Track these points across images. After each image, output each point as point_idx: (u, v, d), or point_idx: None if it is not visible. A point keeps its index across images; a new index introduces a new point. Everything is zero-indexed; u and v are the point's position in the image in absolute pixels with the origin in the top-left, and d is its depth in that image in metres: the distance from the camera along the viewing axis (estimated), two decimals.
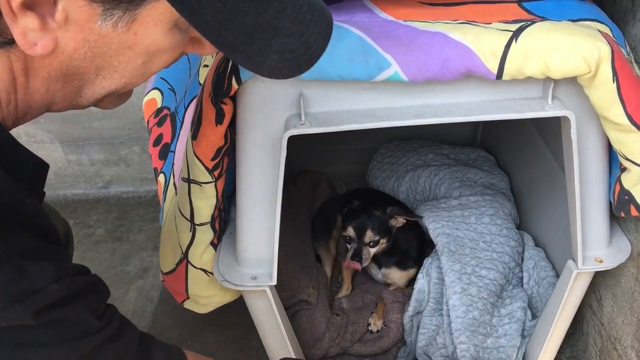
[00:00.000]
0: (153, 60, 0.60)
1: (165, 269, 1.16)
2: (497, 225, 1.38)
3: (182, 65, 1.32)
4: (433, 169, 1.58)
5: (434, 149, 1.70)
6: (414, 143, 1.73)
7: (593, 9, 0.99)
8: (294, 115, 0.93)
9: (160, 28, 0.57)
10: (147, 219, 1.91)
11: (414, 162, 1.66)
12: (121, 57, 0.58)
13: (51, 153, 1.97)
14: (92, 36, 0.55)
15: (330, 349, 1.32)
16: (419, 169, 1.61)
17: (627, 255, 1.07)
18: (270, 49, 0.57)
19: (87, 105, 0.63)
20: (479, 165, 1.62)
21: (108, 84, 0.60)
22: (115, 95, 0.64)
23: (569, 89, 0.93)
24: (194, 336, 1.48)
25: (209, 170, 0.99)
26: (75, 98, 0.62)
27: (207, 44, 0.58)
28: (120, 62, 0.58)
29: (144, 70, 0.61)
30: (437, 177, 1.56)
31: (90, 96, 0.62)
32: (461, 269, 1.28)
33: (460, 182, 1.51)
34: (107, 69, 0.59)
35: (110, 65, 0.58)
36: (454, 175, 1.54)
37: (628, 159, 0.94)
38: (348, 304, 1.40)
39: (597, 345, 1.28)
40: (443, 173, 1.55)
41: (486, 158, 1.66)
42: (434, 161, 1.64)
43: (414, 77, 0.87)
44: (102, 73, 0.59)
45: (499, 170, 1.60)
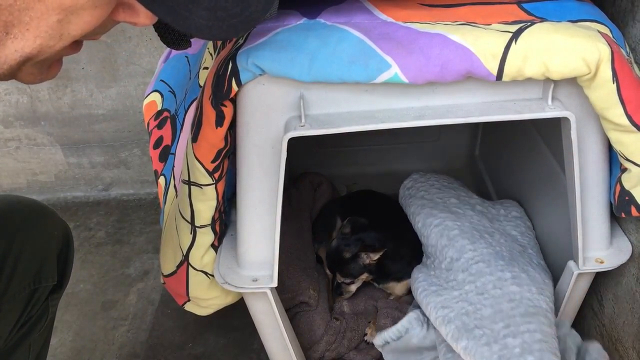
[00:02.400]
0: (70, 19, 0.52)
1: (166, 272, 1.16)
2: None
3: (182, 67, 1.32)
4: (448, 223, 1.26)
5: (461, 195, 1.42)
6: (443, 180, 1.49)
7: (592, 9, 0.99)
8: (294, 117, 0.93)
9: None
10: (147, 222, 1.91)
11: (432, 198, 1.40)
12: (31, 11, 0.50)
13: (51, 156, 1.97)
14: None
15: (326, 353, 1.31)
16: (431, 217, 1.31)
17: (628, 256, 1.07)
18: (198, 3, 0.52)
19: (2, 74, 0.55)
20: (507, 229, 1.32)
21: (21, 46, 0.52)
22: (36, 65, 0.56)
23: (569, 89, 0.93)
24: (195, 339, 1.48)
25: (210, 173, 0.99)
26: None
27: (140, 10, 0.53)
28: (32, 17, 0.50)
29: (61, 31, 0.52)
30: (447, 237, 1.25)
31: (4, 62, 0.54)
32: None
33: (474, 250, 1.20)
34: (18, 26, 0.51)
35: (21, 22, 0.50)
36: (470, 236, 1.23)
37: (628, 160, 0.94)
38: (349, 308, 1.40)
39: None
40: (457, 231, 1.25)
41: (518, 216, 1.37)
42: (455, 207, 1.34)
43: (414, 78, 0.87)
44: (13, 32, 0.51)
45: (530, 235, 1.32)
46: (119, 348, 1.48)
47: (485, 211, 1.34)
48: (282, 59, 0.86)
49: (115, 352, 1.47)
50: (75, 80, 1.83)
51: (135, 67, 1.80)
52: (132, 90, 1.85)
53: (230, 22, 0.54)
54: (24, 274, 0.96)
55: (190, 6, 0.52)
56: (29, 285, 0.97)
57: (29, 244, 0.98)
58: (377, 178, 1.86)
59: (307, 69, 0.87)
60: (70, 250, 1.08)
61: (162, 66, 1.38)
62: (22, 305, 0.97)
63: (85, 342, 1.50)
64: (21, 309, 0.97)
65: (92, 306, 1.61)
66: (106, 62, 1.80)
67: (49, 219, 1.04)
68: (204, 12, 0.53)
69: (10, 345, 0.97)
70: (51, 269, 1.01)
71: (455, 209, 1.32)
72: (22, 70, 0.56)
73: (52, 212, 1.07)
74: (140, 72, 1.81)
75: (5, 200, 1.02)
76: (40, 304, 1.01)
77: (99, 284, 1.68)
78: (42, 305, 1.02)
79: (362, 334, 1.36)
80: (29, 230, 0.99)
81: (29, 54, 0.53)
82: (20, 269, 0.96)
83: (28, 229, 0.99)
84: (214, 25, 0.54)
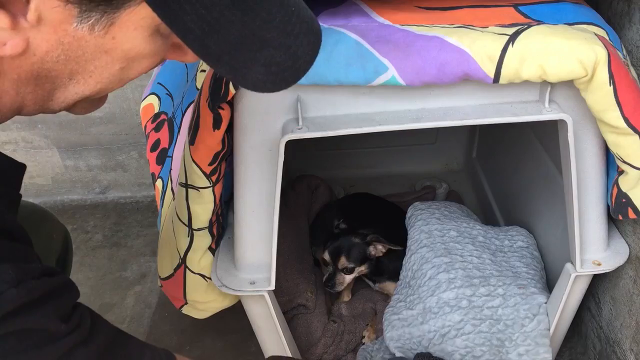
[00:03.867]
0: (132, 66, 0.57)
1: (163, 275, 1.15)
2: None
3: (180, 70, 1.32)
4: (441, 277, 1.18)
5: (462, 226, 1.32)
6: (445, 209, 1.40)
7: (589, 12, 0.99)
8: (292, 119, 0.93)
9: (141, 33, 0.53)
10: (145, 225, 1.91)
11: (430, 230, 1.30)
12: (97, 61, 0.54)
13: (48, 159, 1.96)
14: (67, 38, 0.51)
15: (323, 356, 1.31)
16: (426, 264, 1.23)
17: (625, 258, 1.07)
18: (256, 61, 0.55)
19: (58, 110, 0.59)
20: (512, 261, 1.25)
21: (82, 90, 0.57)
22: (89, 100, 0.60)
23: (566, 92, 0.93)
24: (193, 342, 1.48)
25: (207, 176, 0.99)
26: (46, 102, 0.58)
27: (189, 52, 0.55)
28: (97, 67, 0.55)
29: (121, 77, 0.57)
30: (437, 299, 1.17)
31: (62, 101, 0.58)
32: None
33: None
34: (82, 74, 0.55)
35: (85, 70, 0.55)
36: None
37: (625, 162, 0.94)
38: (347, 310, 1.40)
39: (596, 348, 1.28)
40: (456, 273, 1.19)
41: (524, 246, 1.29)
42: (454, 241, 1.26)
43: (411, 81, 0.87)
44: (76, 77, 0.55)
45: (536, 267, 1.25)
46: None
47: (487, 243, 1.29)
48: None
49: None
50: None
51: None
52: (129, 93, 1.84)
53: (282, 76, 0.57)
54: None
55: (249, 64, 0.55)
56: None
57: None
58: (375, 180, 1.86)
59: None
60: (69, 255, 1.08)
61: (159, 69, 1.38)
62: None
63: None
64: None
65: None
66: None
67: (48, 223, 1.04)
68: (261, 69, 0.55)
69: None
70: None
71: (454, 244, 1.25)
72: (77, 105, 0.60)
73: (52, 216, 1.06)
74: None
75: None
76: None
77: (96, 286, 1.68)
78: None
79: (360, 337, 1.35)
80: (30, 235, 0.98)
81: (88, 96, 0.58)
82: None
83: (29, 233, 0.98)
84: (268, 80, 0.57)
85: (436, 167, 1.91)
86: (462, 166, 1.92)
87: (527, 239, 1.32)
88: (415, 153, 1.90)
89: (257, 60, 0.55)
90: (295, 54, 0.56)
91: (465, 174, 1.90)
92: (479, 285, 1.16)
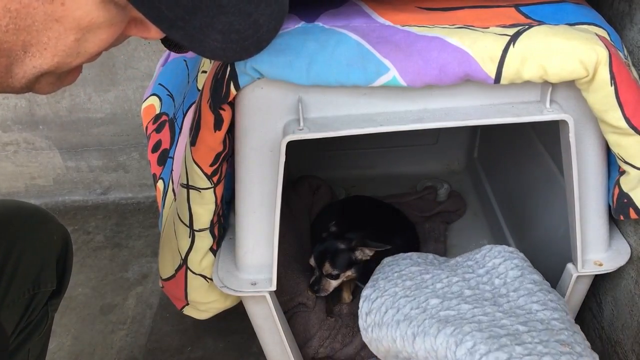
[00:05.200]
0: (87, 37, 0.54)
1: (165, 275, 1.15)
2: None
3: (181, 71, 1.32)
4: (450, 331, 0.91)
5: (437, 288, 1.03)
6: (399, 279, 1.08)
7: (590, 12, 0.99)
8: (293, 120, 0.93)
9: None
10: (146, 225, 1.91)
11: (408, 314, 0.99)
12: (50, 32, 0.52)
13: (50, 160, 1.97)
14: (13, 4, 0.49)
15: (319, 349, 1.30)
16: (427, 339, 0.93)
17: (626, 258, 1.07)
18: (212, 27, 0.53)
19: (20, 87, 0.57)
20: (522, 302, 0.99)
21: (39, 63, 0.54)
22: (54, 76, 0.58)
23: (567, 92, 0.93)
24: (194, 342, 1.48)
25: (208, 176, 0.99)
26: (5, 78, 0.55)
27: (152, 27, 0.53)
28: (50, 38, 0.52)
29: (78, 49, 0.54)
30: None
31: (22, 76, 0.55)
32: None
33: None
34: (36, 46, 0.52)
35: (39, 42, 0.52)
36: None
37: (627, 162, 0.94)
38: (348, 310, 1.40)
39: (597, 349, 1.27)
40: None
41: (519, 275, 1.05)
42: (443, 310, 0.97)
43: (412, 82, 0.87)
44: (31, 50, 0.53)
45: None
46: (118, 352, 1.48)
47: (478, 292, 1.02)
48: (280, 63, 0.86)
49: (113, 357, 1.47)
50: (74, 84, 1.82)
51: (134, 70, 1.80)
52: (130, 94, 1.85)
53: (243, 44, 0.55)
54: (23, 279, 0.96)
55: (205, 30, 0.53)
56: (28, 290, 0.97)
57: (29, 249, 0.97)
58: (376, 181, 1.86)
59: (305, 72, 0.87)
60: (70, 256, 1.08)
61: (160, 70, 1.38)
62: (21, 310, 0.97)
63: (83, 346, 1.50)
64: (20, 314, 0.97)
65: (90, 310, 1.61)
66: (104, 65, 1.80)
67: (48, 224, 1.04)
68: (218, 36, 0.54)
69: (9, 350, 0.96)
70: (50, 274, 1.01)
71: (445, 312, 0.96)
72: (40, 81, 0.57)
73: (52, 217, 1.06)
74: (138, 76, 1.81)
75: (5, 205, 1.01)
76: (39, 310, 1.01)
77: (97, 287, 1.68)
78: (42, 310, 1.02)
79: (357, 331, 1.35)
80: (29, 236, 0.99)
81: (46, 70, 0.55)
82: (20, 274, 0.95)
83: (28, 234, 0.99)
84: (227, 48, 0.55)
85: (437, 167, 1.91)
86: (464, 166, 1.92)
87: (513, 260, 1.04)
88: (416, 153, 1.89)
89: (213, 27, 0.53)
90: (256, 22, 0.55)
91: (467, 174, 1.90)
92: (512, 344, 0.86)
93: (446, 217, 1.70)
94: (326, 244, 1.34)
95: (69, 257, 1.08)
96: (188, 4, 0.51)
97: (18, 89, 0.57)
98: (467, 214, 1.74)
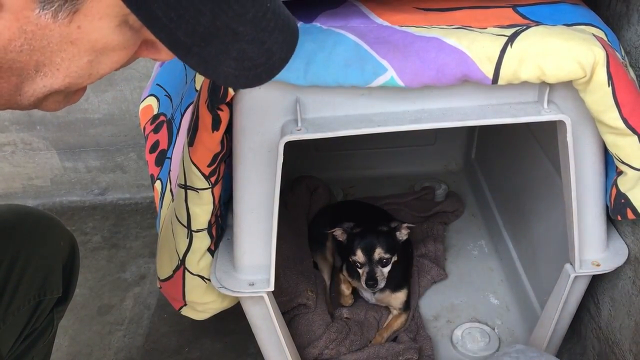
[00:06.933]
0: (100, 59, 0.54)
1: (162, 276, 1.15)
2: None
3: (179, 71, 1.32)
4: None
5: None
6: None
7: (588, 13, 0.99)
8: (291, 121, 0.93)
9: (107, 23, 0.51)
10: (144, 226, 1.91)
11: None
12: (64, 53, 0.52)
13: (47, 160, 1.96)
14: (30, 26, 0.49)
15: (325, 350, 1.30)
16: None
17: (624, 258, 1.08)
18: (227, 54, 0.53)
19: (28, 105, 0.56)
20: None
21: (50, 83, 0.54)
22: (62, 95, 0.58)
23: (565, 93, 0.93)
24: (191, 343, 1.48)
25: (206, 177, 0.98)
26: (14, 96, 0.55)
27: (163, 49, 0.54)
28: (63, 59, 0.52)
29: (90, 71, 0.55)
30: None
31: (31, 95, 0.55)
32: None
33: None
34: (49, 66, 0.52)
35: (52, 62, 0.52)
36: None
37: (624, 163, 0.94)
38: (349, 314, 1.39)
39: (595, 349, 1.28)
40: None
41: None
42: None
43: (410, 82, 0.87)
44: (43, 70, 0.53)
45: None
46: (115, 353, 1.47)
47: None
48: None
49: (111, 357, 1.47)
50: None
51: (131, 71, 1.80)
52: (128, 94, 1.84)
53: (255, 72, 0.56)
54: (29, 285, 0.96)
55: (220, 57, 0.53)
56: (34, 297, 0.97)
57: (35, 256, 0.97)
58: (374, 181, 1.86)
59: (303, 72, 0.87)
60: (76, 262, 1.07)
61: (158, 70, 1.37)
62: (27, 317, 0.96)
63: (81, 347, 1.50)
64: (26, 321, 0.96)
65: (88, 311, 1.60)
66: None
67: (55, 230, 1.03)
68: (232, 63, 0.54)
69: (14, 356, 0.96)
70: (56, 280, 1.01)
71: None
72: (48, 99, 0.57)
73: (59, 222, 1.05)
74: (136, 77, 1.81)
75: (12, 210, 1.01)
76: (44, 316, 1.00)
77: (94, 288, 1.68)
78: (47, 317, 1.01)
79: (366, 341, 1.34)
80: (36, 242, 0.98)
81: (56, 90, 0.55)
82: (26, 281, 0.95)
83: (34, 240, 0.98)
84: (240, 75, 0.55)
85: (435, 168, 1.91)
86: (461, 167, 1.92)
87: None
88: (414, 154, 1.90)
89: (228, 54, 0.53)
90: (269, 50, 0.55)
91: (464, 174, 1.90)
92: None
93: (444, 218, 1.70)
94: (367, 235, 1.32)
95: (76, 264, 1.07)
96: (205, 31, 0.51)
97: (25, 106, 0.57)
98: (465, 214, 1.74)
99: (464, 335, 1.38)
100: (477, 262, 1.59)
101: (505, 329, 1.40)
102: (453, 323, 1.42)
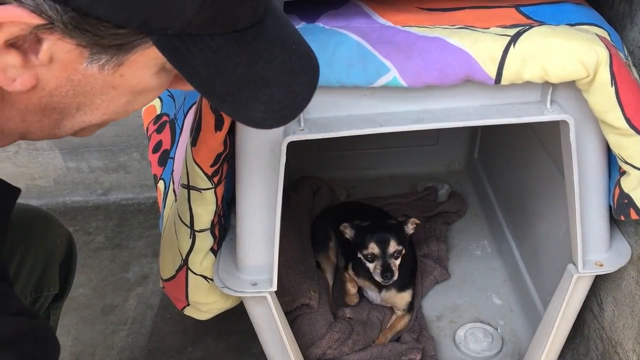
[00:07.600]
0: (137, 99, 0.58)
1: (165, 276, 1.15)
2: None
3: None
4: None
5: None
6: None
7: (591, 13, 0.99)
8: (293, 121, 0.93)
9: (148, 71, 0.55)
10: (146, 226, 1.91)
11: None
12: (105, 96, 0.56)
13: (50, 160, 1.97)
14: (77, 76, 0.52)
15: (328, 350, 1.30)
16: None
17: (627, 258, 1.07)
18: (257, 99, 0.56)
19: (64, 135, 0.61)
20: None
21: (89, 119, 0.58)
22: (97, 125, 0.62)
23: (568, 93, 0.93)
24: (194, 343, 1.48)
25: (209, 177, 0.99)
26: (53, 130, 0.59)
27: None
28: (104, 100, 0.56)
29: (126, 108, 0.59)
30: None
31: (70, 128, 0.60)
32: None
33: None
34: (89, 106, 0.57)
35: (93, 103, 0.56)
36: None
37: (627, 163, 0.94)
38: (352, 314, 1.39)
39: (598, 349, 1.27)
40: None
41: None
42: None
43: (412, 82, 0.87)
44: (84, 109, 0.57)
45: None
46: (118, 353, 1.48)
47: None
48: None
49: (114, 357, 1.47)
50: None
51: None
52: None
53: (282, 113, 0.58)
54: (26, 282, 0.96)
55: (251, 102, 0.56)
56: (30, 294, 0.97)
57: (32, 252, 0.97)
58: (376, 181, 1.86)
59: None
60: (73, 259, 1.08)
61: None
62: None
63: (84, 347, 1.50)
64: None
65: (91, 311, 1.61)
66: None
67: (52, 227, 1.04)
68: (262, 107, 0.56)
69: None
70: (53, 277, 1.01)
71: None
72: (84, 130, 0.61)
73: (56, 220, 1.06)
74: None
75: None
76: (41, 313, 1.00)
77: (98, 288, 1.68)
78: (44, 314, 1.01)
79: (369, 341, 1.34)
80: (32, 239, 0.98)
81: (93, 125, 0.59)
82: (22, 277, 0.95)
83: (31, 237, 0.98)
84: (268, 117, 0.58)
85: (438, 168, 1.91)
86: (464, 167, 1.92)
87: None
88: (416, 154, 1.90)
89: (258, 99, 0.56)
90: (294, 92, 0.58)
91: (467, 174, 1.90)
92: None
93: (447, 218, 1.70)
94: (377, 228, 1.32)
95: (73, 261, 1.07)
96: (239, 80, 0.54)
97: (60, 136, 0.61)
98: (468, 214, 1.74)
99: (467, 336, 1.38)
100: (479, 262, 1.59)
101: (508, 329, 1.40)
102: (456, 323, 1.42)
